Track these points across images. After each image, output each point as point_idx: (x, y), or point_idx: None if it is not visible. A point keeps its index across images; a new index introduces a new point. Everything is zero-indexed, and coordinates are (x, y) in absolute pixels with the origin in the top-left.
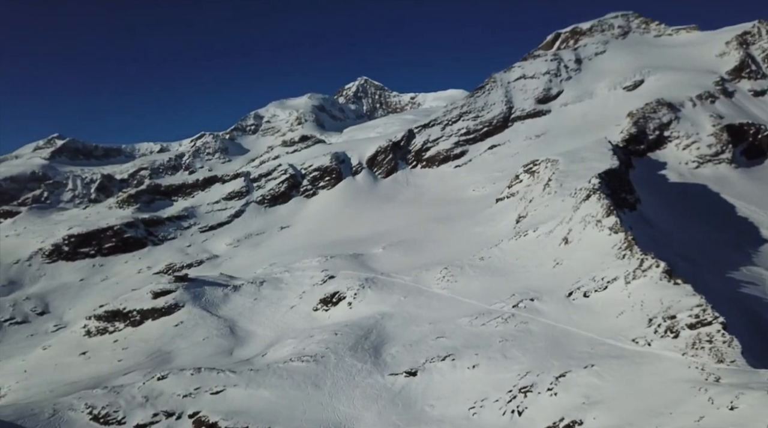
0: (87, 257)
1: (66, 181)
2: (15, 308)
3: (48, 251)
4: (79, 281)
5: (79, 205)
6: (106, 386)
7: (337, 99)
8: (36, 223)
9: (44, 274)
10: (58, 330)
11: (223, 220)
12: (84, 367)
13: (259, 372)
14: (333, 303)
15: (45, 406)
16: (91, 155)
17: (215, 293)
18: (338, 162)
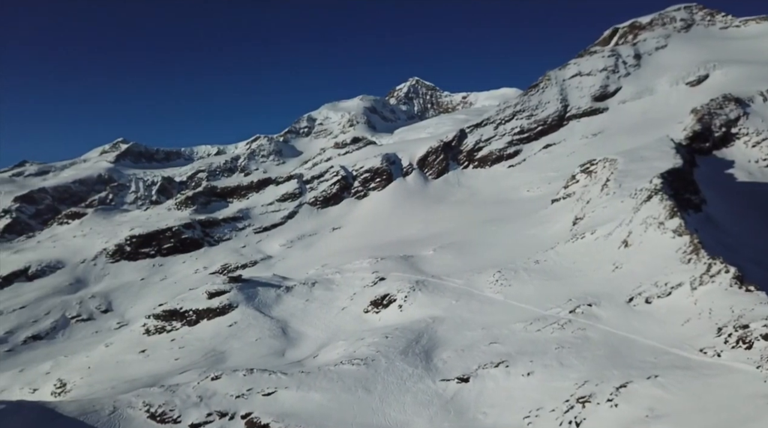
0: (147, 257)
1: (129, 183)
2: (81, 305)
3: (112, 251)
4: (140, 280)
5: (141, 206)
6: (163, 384)
7: (389, 100)
8: (101, 224)
9: (108, 273)
10: (120, 327)
11: (277, 221)
12: (143, 365)
13: (310, 375)
14: (383, 306)
15: (105, 403)
16: (152, 158)
17: (268, 294)
18: (389, 163)
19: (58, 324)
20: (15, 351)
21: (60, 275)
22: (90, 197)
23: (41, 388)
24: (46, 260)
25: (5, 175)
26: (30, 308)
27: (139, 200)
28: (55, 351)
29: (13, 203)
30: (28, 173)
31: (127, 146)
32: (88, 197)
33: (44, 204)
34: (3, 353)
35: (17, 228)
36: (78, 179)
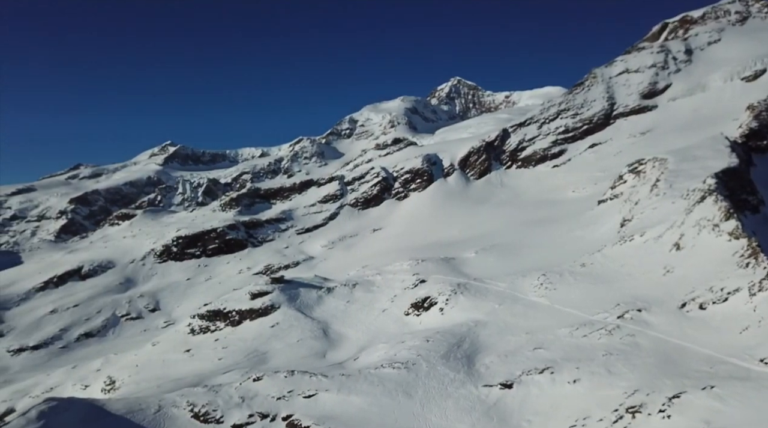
0: (193, 257)
1: (177, 185)
2: (130, 304)
3: (159, 252)
4: (186, 280)
5: (187, 208)
6: (206, 385)
7: (430, 101)
8: (149, 225)
9: (156, 273)
10: (167, 326)
11: (319, 222)
12: (188, 364)
13: (351, 378)
14: (424, 308)
15: (151, 402)
16: (199, 161)
17: (310, 295)
18: (429, 164)
19: (109, 322)
20: (69, 347)
21: (111, 275)
22: (140, 199)
23: (92, 385)
24: (98, 260)
25: (61, 177)
26: (83, 307)
27: (185, 202)
28: (106, 349)
29: (68, 204)
30: (82, 176)
31: (175, 149)
32: (138, 199)
33: (97, 205)
34: (58, 349)
35: (72, 229)
36: (129, 181)
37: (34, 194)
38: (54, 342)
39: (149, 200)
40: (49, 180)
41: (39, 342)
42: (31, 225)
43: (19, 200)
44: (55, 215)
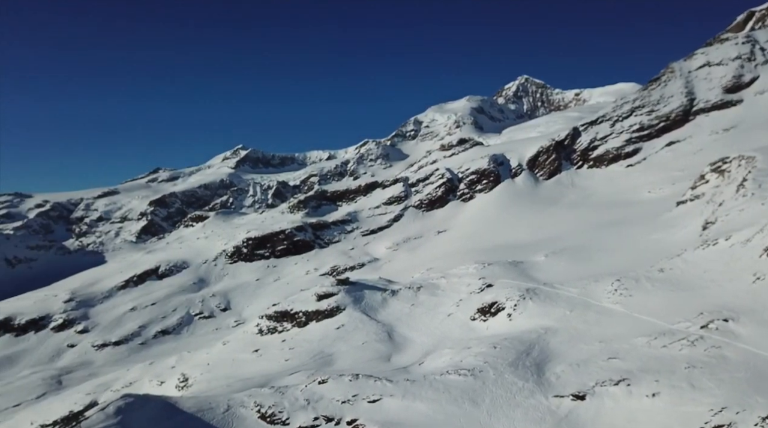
0: (262, 258)
1: (248, 187)
2: (203, 303)
3: (230, 253)
4: (255, 280)
5: (258, 210)
6: (273, 386)
7: (496, 100)
8: (221, 226)
9: (227, 273)
10: (237, 325)
11: (383, 224)
12: (256, 364)
13: (415, 383)
14: (491, 314)
15: (221, 401)
16: (269, 164)
17: (374, 297)
18: (496, 164)
19: (183, 320)
20: (147, 344)
21: (185, 275)
22: (213, 201)
23: (167, 381)
24: (174, 260)
25: (142, 181)
26: (159, 305)
27: (256, 204)
28: (181, 346)
29: (148, 206)
30: (161, 179)
31: (246, 153)
32: (212, 201)
33: (174, 207)
34: (137, 345)
35: (151, 230)
36: (203, 184)
37: (118, 196)
38: (133, 339)
39: (221, 202)
40: (131, 183)
41: (120, 338)
42: (114, 226)
43: (104, 202)
44: (136, 217)
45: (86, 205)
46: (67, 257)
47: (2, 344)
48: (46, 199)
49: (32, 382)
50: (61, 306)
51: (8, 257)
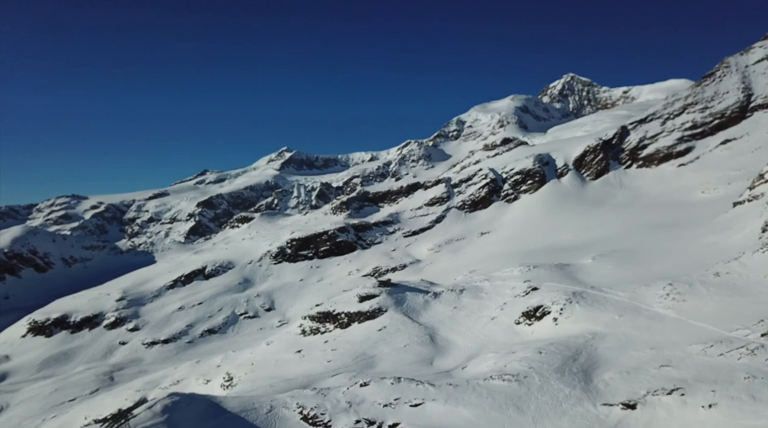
0: (306, 259)
1: (292, 189)
2: (248, 303)
3: (274, 253)
4: (299, 281)
5: (301, 211)
6: (315, 387)
7: (541, 99)
8: (266, 227)
9: (271, 274)
10: (281, 325)
11: (425, 225)
12: (299, 365)
13: (458, 388)
14: (536, 318)
15: (264, 401)
16: (312, 165)
17: (416, 300)
18: (542, 164)
19: (229, 319)
20: (194, 342)
21: (231, 275)
22: (258, 202)
23: (213, 380)
24: (220, 260)
25: (190, 183)
26: (206, 305)
27: (300, 205)
28: (226, 345)
29: (196, 208)
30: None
31: (291, 155)
32: (257, 202)
33: (221, 209)
34: (184, 344)
35: (199, 230)
36: (249, 186)
37: (168, 198)
38: (181, 337)
39: (266, 204)
40: (180, 185)
41: (168, 337)
42: (164, 227)
43: (155, 204)
44: (184, 218)
45: (138, 206)
46: (120, 257)
47: (59, 340)
48: (100, 201)
49: (86, 378)
50: (113, 305)
51: (65, 257)
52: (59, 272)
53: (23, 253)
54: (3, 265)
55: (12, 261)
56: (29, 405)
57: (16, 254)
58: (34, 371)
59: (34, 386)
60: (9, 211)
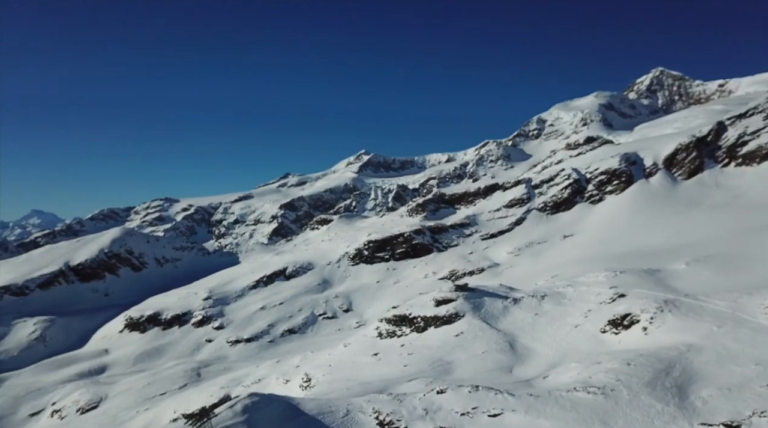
0: (382, 261)
1: (369, 191)
2: (327, 304)
3: (352, 255)
4: (375, 282)
5: (378, 213)
6: (391, 392)
7: (627, 95)
8: (344, 229)
9: (349, 275)
10: (359, 326)
11: (504, 228)
12: (375, 368)
13: (540, 399)
14: (624, 326)
15: (340, 405)
16: (389, 168)
17: (495, 305)
18: (628, 164)
19: (308, 320)
20: (275, 342)
21: (310, 276)
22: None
23: (292, 380)
24: (300, 262)
25: (273, 186)
26: (287, 305)
27: (377, 207)
28: (305, 345)
29: (278, 210)
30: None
31: (368, 157)
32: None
33: (302, 211)
34: (266, 343)
35: (281, 232)
36: (328, 189)
37: (252, 201)
38: (263, 336)
39: (345, 206)
40: (263, 188)
41: (251, 336)
42: (249, 229)
43: (240, 206)
44: (267, 220)
45: (224, 209)
46: (207, 258)
47: (152, 336)
48: (190, 203)
49: (176, 373)
50: (200, 304)
51: (157, 257)
52: (152, 271)
53: (121, 253)
54: (104, 264)
55: (111, 261)
56: (125, 397)
57: (114, 254)
58: (129, 365)
59: (129, 379)
60: (110, 213)
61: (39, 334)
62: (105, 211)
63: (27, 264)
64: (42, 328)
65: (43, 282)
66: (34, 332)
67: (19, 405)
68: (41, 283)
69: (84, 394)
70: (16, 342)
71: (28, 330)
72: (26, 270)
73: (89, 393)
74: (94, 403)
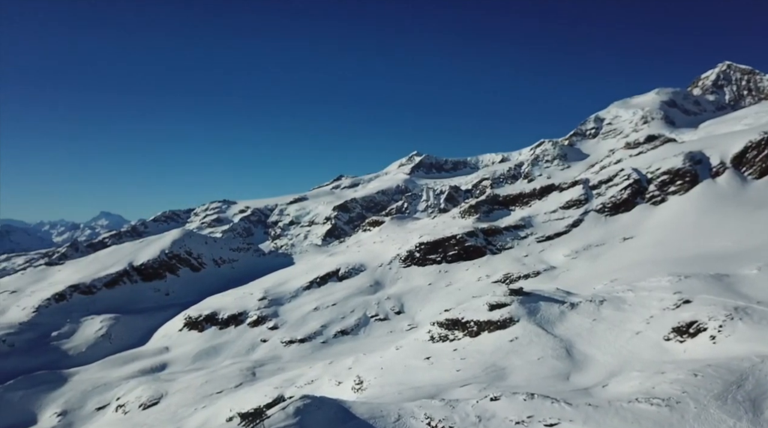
0: (434, 263)
1: (421, 192)
2: (378, 306)
3: (403, 257)
4: (427, 285)
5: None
6: (443, 398)
7: (691, 91)
8: (395, 231)
9: (401, 277)
10: (410, 329)
11: (560, 230)
12: (427, 372)
13: (599, 409)
14: (689, 335)
15: (392, 410)
16: (441, 169)
17: (551, 310)
18: (693, 163)
19: (361, 321)
20: (328, 343)
21: (362, 277)
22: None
23: (344, 382)
24: (352, 263)
25: (327, 188)
26: (339, 306)
27: (429, 208)
28: (358, 347)
29: (332, 211)
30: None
31: (420, 159)
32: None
33: (355, 212)
34: (319, 344)
35: (335, 233)
36: (380, 190)
37: (306, 202)
38: (316, 337)
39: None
40: (317, 190)
41: (304, 336)
42: (303, 230)
43: (295, 208)
44: (321, 221)
45: (280, 210)
46: (262, 259)
47: (209, 335)
48: (247, 205)
49: (232, 372)
50: (255, 304)
51: (215, 258)
52: (210, 271)
53: (181, 254)
54: (165, 265)
55: (172, 261)
56: (184, 394)
57: (175, 255)
58: (188, 362)
59: (188, 377)
60: (171, 215)
61: (105, 331)
62: (167, 213)
63: (94, 264)
64: (108, 325)
65: (109, 282)
66: (101, 329)
67: (86, 399)
68: (107, 282)
69: (146, 390)
70: (84, 339)
71: (95, 327)
72: (93, 270)
73: (151, 389)
74: (155, 399)
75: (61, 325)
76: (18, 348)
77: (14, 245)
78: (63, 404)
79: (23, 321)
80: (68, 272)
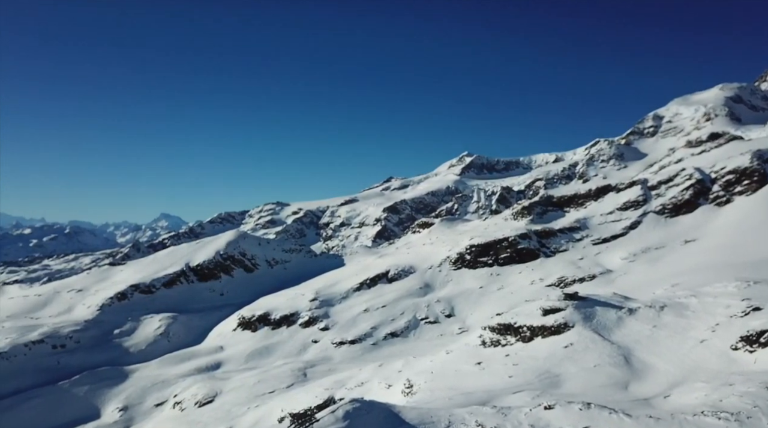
0: (485, 266)
1: (472, 194)
2: (428, 308)
3: (454, 259)
4: (478, 288)
5: (481, 216)
6: (495, 405)
7: (759, 86)
8: (445, 233)
9: (451, 280)
10: (461, 332)
11: (617, 232)
12: (478, 378)
13: (661, 422)
14: (760, 344)
15: (442, 416)
16: (493, 169)
17: (607, 316)
18: (762, 161)
19: (410, 324)
20: (377, 345)
21: (412, 279)
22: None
23: (394, 385)
24: (402, 265)
25: (377, 189)
26: (389, 308)
27: (480, 210)
28: (407, 350)
29: (382, 213)
30: (393, 188)
31: (471, 159)
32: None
33: (404, 214)
34: (369, 346)
35: (384, 234)
36: (430, 192)
37: (357, 204)
38: (366, 339)
39: (447, 209)
40: (367, 192)
41: (355, 338)
42: (354, 231)
43: (346, 209)
44: (371, 223)
45: (331, 212)
46: (314, 260)
47: (262, 335)
48: (300, 207)
49: (283, 372)
50: (307, 305)
51: (268, 259)
52: (263, 272)
53: (235, 255)
54: (220, 265)
55: (226, 262)
56: (237, 393)
57: (229, 256)
58: (242, 362)
59: (241, 376)
60: (227, 216)
61: (163, 330)
62: (222, 214)
63: (153, 264)
64: (166, 324)
65: (167, 281)
66: (159, 327)
67: (146, 395)
68: (165, 282)
69: (201, 388)
70: (144, 337)
71: (154, 325)
72: (153, 270)
73: (206, 387)
74: (210, 397)
75: (122, 323)
76: (83, 344)
77: (82, 245)
78: (124, 399)
79: (88, 318)
80: (129, 271)
